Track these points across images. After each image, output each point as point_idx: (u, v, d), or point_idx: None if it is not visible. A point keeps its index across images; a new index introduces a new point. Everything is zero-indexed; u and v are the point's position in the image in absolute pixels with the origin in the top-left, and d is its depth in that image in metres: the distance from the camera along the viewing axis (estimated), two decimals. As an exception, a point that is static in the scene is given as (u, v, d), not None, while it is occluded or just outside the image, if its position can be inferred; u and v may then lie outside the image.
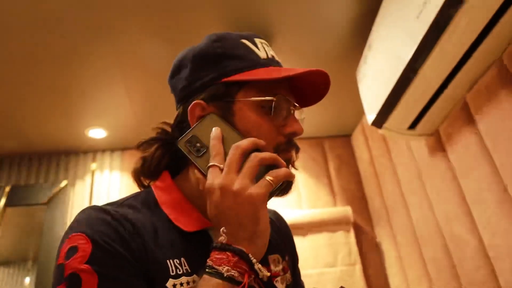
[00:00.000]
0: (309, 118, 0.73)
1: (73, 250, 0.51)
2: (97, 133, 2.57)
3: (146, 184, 0.71)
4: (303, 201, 2.67)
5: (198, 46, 0.68)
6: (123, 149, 2.79)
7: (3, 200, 2.52)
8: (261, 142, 0.58)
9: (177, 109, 0.70)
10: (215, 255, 0.51)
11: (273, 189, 0.54)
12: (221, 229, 0.52)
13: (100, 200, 2.58)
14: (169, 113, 0.73)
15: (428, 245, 1.94)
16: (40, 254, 2.48)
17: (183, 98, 0.68)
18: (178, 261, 0.57)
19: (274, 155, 0.56)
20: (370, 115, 1.84)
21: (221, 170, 0.55)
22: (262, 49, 0.68)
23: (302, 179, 2.74)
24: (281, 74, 0.62)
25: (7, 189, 2.55)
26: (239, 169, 0.54)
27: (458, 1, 1.20)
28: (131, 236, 0.54)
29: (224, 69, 0.64)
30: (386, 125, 1.79)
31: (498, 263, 1.43)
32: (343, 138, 2.94)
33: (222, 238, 0.51)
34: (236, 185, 0.52)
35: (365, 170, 2.72)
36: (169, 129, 0.72)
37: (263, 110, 0.63)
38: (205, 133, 0.60)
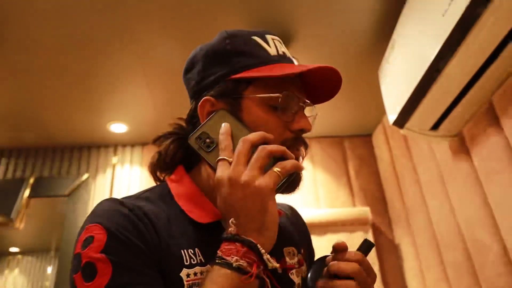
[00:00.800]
0: (329, 117, 0.73)
1: (89, 240, 0.52)
2: (118, 128, 2.61)
3: (161, 178, 0.73)
4: (321, 200, 2.65)
5: (210, 43, 0.70)
6: (144, 144, 2.83)
7: (28, 191, 2.60)
8: (270, 135, 0.58)
9: (190, 105, 0.72)
10: (224, 246, 0.51)
11: (281, 181, 0.54)
12: (230, 220, 0.53)
13: (121, 193, 2.62)
14: (188, 109, 0.74)
15: (449, 249, 1.89)
16: (62, 244, 2.54)
17: (194, 94, 0.70)
18: (192, 251, 0.58)
19: (282, 147, 0.57)
20: (392, 115, 1.81)
21: (230, 163, 0.55)
22: (273, 46, 0.68)
23: (321, 178, 2.72)
24: (285, 71, 0.62)
25: (31, 180, 2.62)
26: (248, 162, 0.54)
27: (486, -1, 1.16)
28: (146, 227, 0.56)
29: (233, 66, 0.65)
30: (407, 125, 1.75)
31: (522, 270, 1.39)
32: (364, 138, 2.90)
33: (232, 229, 0.52)
34: (244, 177, 0.52)
35: (385, 170, 2.67)
36: (184, 124, 0.74)
37: (270, 107, 0.64)
38: (215, 128, 0.61)
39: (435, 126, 1.72)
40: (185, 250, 0.57)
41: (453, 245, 1.84)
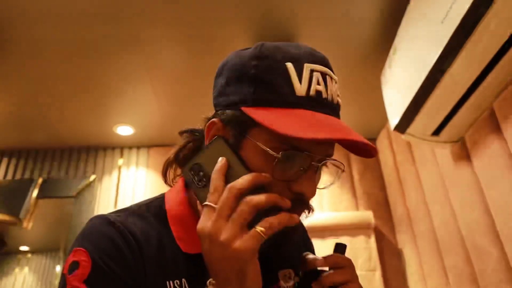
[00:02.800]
0: None
1: (75, 265, 0.53)
2: (124, 130, 2.65)
3: (170, 179, 0.70)
4: (324, 204, 2.66)
5: (240, 58, 0.59)
6: (149, 146, 2.86)
7: (36, 191, 2.65)
8: (265, 178, 0.52)
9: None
10: None
11: (266, 241, 0.48)
12: (208, 281, 0.52)
13: (126, 195, 2.66)
14: (193, 114, 0.74)
15: (450, 254, 1.89)
16: (68, 245, 2.59)
17: (214, 105, 0.63)
18: (178, 282, 0.56)
19: (274, 196, 0.50)
20: (393, 120, 1.81)
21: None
22: (306, 81, 0.54)
23: (325, 181, 2.72)
24: (295, 132, 0.49)
25: (40, 181, 2.67)
26: (230, 215, 0.49)
27: (485, 5, 1.16)
28: (132, 253, 0.55)
29: (247, 93, 0.55)
30: (409, 130, 1.76)
31: (521, 277, 1.38)
32: (368, 142, 2.89)
33: None
34: (223, 235, 0.47)
35: (389, 175, 2.67)
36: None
37: (271, 158, 0.53)
38: (210, 161, 0.54)
39: (437, 132, 1.73)
40: (170, 282, 0.55)
41: (454, 251, 1.84)
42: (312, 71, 0.55)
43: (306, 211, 0.58)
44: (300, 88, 0.54)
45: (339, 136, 0.50)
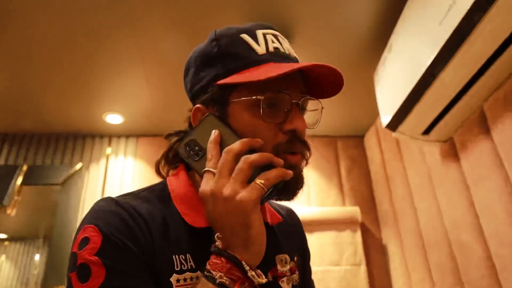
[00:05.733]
0: (323, 117, 0.70)
1: (85, 241, 0.54)
2: (114, 119, 2.62)
3: (164, 174, 0.73)
4: (312, 199, 2.69)
5: (200, 47, 0.67)
6: (138, 135, 2.84)
7: (20, 178, 2.60)
8: (256, 142, 0.57)
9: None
10: (212, 259, 0.52)
11: (266, 192, 0.53)
12: (216, 235, 0.54)
13: (114, 184, 2.64)
14: (185, 105, 0.75)
15: (434, 250, 1.94)
16: (54, 232, 2.55)
17: (191, 99, 0.69)
18: (183, 257, 0.58)
19: (268, 154, 0.55)
20: (385, 118, 1.84)
21: (215, 175, 0.55)
22: (263, 43, 0.63)
23: (313, 176, 2.76)
24: (268, 74, 0.56)
25: (25, 168, 2.62)
26: (231, 174, 0.54)
27: (483, 9, 1.20)
28: (140, 229, 0.56)
29: (219, 70, 0.62)
30: (400, 128, 1.79)
31: (503, 273, 1.44)
32: (356, 139, 2.94)
33: (218, 243, 0.53)
34: (226, 191, 0.52)
35: (376, 172, 2.72)
36: None
37: (257, 109, 0.59)
38: (204, 135, 0.60)
39: (427, 131, 1.77)
40: (176, 256, 0.57)
41: (438, 247, 1.89)
42: (264, 34, 0.64)
43: (306, 152, 0.63)
44: (260, 49, 0.62)
45: (306, 65, 0.57)
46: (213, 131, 0.59)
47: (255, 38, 0.63)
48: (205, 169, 0.56)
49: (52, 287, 2.42)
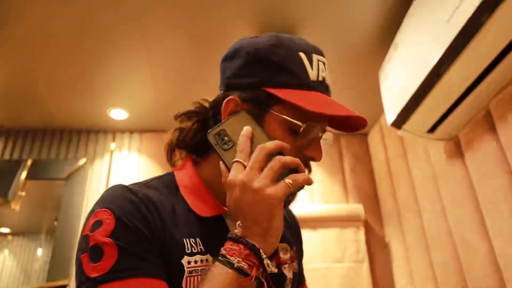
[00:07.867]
0: None
1: (98, 224, 0.55)
2: (118, 114, 2.62)
3: (175, 159, 0.74)
4: (315, 196, 2.70)
5: (257, 44, 0.68)
6: (142, 131, 2.84)
7: (24, 173, 2.61)
8: (286, 146, 0.60)
9: (219, 90, 0.73)
10: (228, 245, 0.54)
11: (291, 192, 0.56)
12: (237, 223, 0.56)
13: (118, 180, 2.64)
14: (190, 101, 0.75)
15: (438, 249, 1.95)
16: (57, 227, 2.56)
17: (226, 85, 0.70)
18: (193, 240, 0.60)
19: (297, 160, 0.58)
20: (390, 116, 1.84)
21: (245, 167, 0.57)
22: (316, 69, 0.67)
23: (317, 174, 2.76)
24: (318, 109, 0.61)
25: (29, 162, 2.63)
26: (262, 169, 0.56)
27: (490, 8, 1.19)
28: (151, 214, 0.58)
29: (271, 78, 0.65)
30: (405, 126, 1.79)
31: (508, 273, 1.44)
32: (360, 136, 2.94)
33: (237, 231, 0.55)
34: (257, 183, 0.54)
35: (380, 169, 2.72)
36: (207, 105, 0.74)
37: (290, 130, 0.64)
38: (235, 128, 0.63)
39: (432, 129, 1.76)
40: (187, 239, 0.60)
41: (442, 246, 1.89)
42: (318, 61, 0.68)
43: (308, 171, 0.70)
44: (312, 74, 0.66)
45: (354, 115, 0.63)
46: (246, 127, 0.62)
47: (310, 61, 0.67)
48: (236, 159, 0.58)
49: (56, 281, 2.44)
